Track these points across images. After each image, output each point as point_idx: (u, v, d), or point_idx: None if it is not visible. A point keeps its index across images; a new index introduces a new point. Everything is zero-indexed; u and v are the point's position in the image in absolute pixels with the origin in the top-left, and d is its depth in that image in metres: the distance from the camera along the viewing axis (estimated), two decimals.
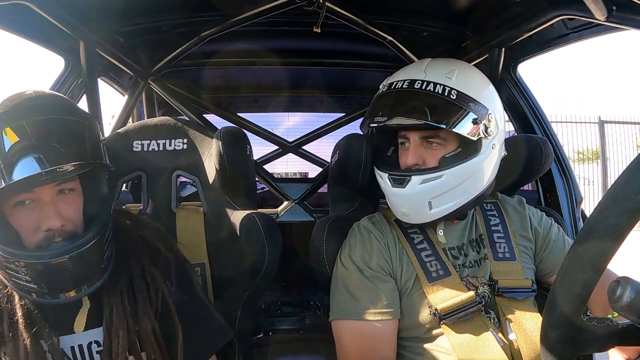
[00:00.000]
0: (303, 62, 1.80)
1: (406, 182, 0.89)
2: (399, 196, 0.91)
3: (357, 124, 2.01)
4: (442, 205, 0.90)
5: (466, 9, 1.35)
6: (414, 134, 0.92)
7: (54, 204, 0.75)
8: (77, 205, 0.79)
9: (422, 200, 0.90)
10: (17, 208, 0.74)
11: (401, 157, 0.95)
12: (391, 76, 0.97)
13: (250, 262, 1.05)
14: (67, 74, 1.38)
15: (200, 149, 1.20)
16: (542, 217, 1.05)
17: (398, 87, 0.91)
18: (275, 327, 1.75)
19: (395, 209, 0.95)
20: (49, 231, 0.73)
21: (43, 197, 0.74)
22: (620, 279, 0.42)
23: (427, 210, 0.90)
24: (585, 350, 0.48)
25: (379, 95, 0.95)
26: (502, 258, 0.95)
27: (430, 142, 0.91)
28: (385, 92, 0.94)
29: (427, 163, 0.91)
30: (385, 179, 0.93)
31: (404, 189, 0.89)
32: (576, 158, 9.12)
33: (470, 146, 0.90)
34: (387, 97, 0.92)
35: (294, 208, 1.74)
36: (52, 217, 0.73)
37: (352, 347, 0.91)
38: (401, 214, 0.94)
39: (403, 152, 0.95)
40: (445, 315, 0.86)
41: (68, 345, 0.79)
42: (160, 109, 2.07)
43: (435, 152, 0.91)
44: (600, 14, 0.88)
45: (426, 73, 0.91)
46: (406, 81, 0.91)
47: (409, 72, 0.94)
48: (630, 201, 0.40)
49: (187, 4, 1.35)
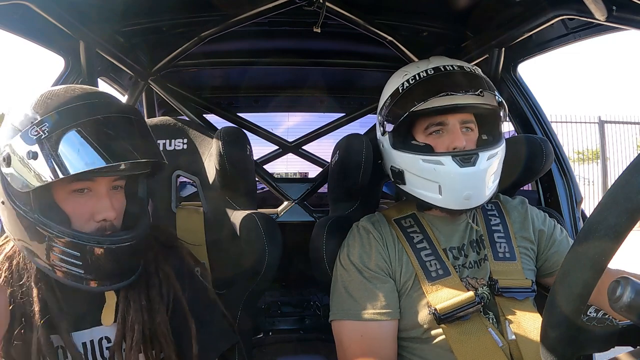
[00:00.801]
0: (303, 62, 1.80)
1: (475, 159, 0.88)
2: (467, 176, 0.88)
3: (357, 124, 2.02)
4: (493, 184, 0.94)
5: (466, 9, 1.35)
6: (455, 118, 0.92)
7: (109, 197, 0.78)
8: (123, 202, 0.83)
9: (487, 178, 0.91)
10: (74, 195, 0.76)
11: (438, 143, 0.93)
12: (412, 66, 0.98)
13: (250, 262, 1.05)
14: (67, 74, 1.38)
15: (200, 149, 1.20)
16: (546, 218, 1.05)
17: (450, 69, 0.92)
18: (275, 327, 1.75)
19: (456, 195, 0.90)
20: (103, 222, 0.77)
21: (100, 188, 0.77)
22: (620, 279, 0.42)
23: (486, 190, 0.92)
24: (585, 350, 0.48)
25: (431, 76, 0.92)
26: (503, 258, 0.95)
27: (467, 127, 0.94)
28: (441, 73, 0.92)
29: (467, 146, 0.92)
30: (448, 162, 0.88)
31: (474, 167, 0.88)
32: (576, 158, 9.12)
33: (493, 130, 0.97)
34: (450, 75, 0.92)
35: (294, 208, 1.75)
36: (109, 208, 0.77)
37: (352, 348, 0.91)
38: (463, 198, 0.90)
39: (438, 138, 0.93)
40: (444, 315, 0.86)
41: (80, 341, 0.81)
42: (160, 109, 2.07)
43: (471, 136, 0.95)
44: (600, 14, 0.88)
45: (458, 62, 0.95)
46: (454, 65, 0.94)
47: (438, 61, 0.96)
48: (630, 201, 0.40)
49: (187, 4, 1.35)
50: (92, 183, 0.77)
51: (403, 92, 0.95)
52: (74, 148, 0.71)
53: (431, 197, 0.93)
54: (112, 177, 0.79)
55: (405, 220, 1.00)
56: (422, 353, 0.90)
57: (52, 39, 1.25)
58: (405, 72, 0.98)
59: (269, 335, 1.74)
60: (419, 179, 0.93)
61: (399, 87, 0.96)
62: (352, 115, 1.98)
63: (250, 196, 1.20)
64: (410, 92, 0.93)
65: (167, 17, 1.39)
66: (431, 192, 0.92)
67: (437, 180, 0.90)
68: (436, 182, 0.91)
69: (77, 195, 0.76)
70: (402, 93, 0.95)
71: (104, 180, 0.78)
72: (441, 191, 0.91)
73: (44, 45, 1.26)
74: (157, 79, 1.64)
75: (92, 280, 0.76)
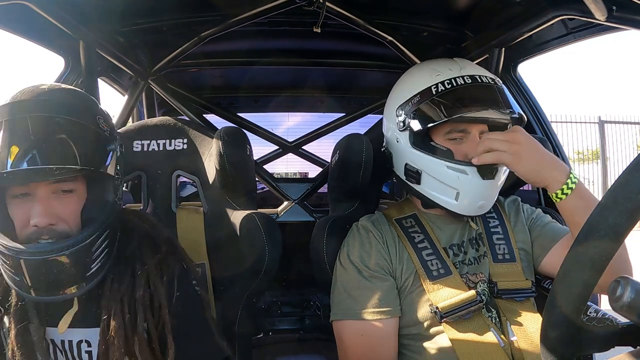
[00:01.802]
0: (303, 62, 1.80)
1: (495, 172, 0.92)
2: (485, 188, 0.91)
3: (357, 124, 2.02)
4: (498, 192, 0.98)
5: (466, 9, 1.35)
6: (477, 128, 0.93)
7: (47, 202, 0.74)
8: (74, 207, 0.77)
9: (499, 188, 0.96)
10: (15, 200, 0.75)
11: (457, 150, 0.93)
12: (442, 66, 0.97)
13: (250, 262, 1.05)
14: (67, 74, 1.38)
15: (200, 149, 1.20)
16: (535, 210, 1.07)
17: (486, 82, 0.93)
18: (275, 327, 1.75)
19: (472, 203, 0.92)
20: (35, 228, 0.73)
21: (37, 193, 0.74)
22: (620, 279, 0.42)
23: (495, 198, 0.97)
24: (585, 350, 0.48)
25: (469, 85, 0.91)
26: (502, 259, 0.96)
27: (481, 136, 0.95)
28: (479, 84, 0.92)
29: None
30: (473, 172, 0.90)
31: (494, 180, 0.92)
32: (576, 158, 9.11)
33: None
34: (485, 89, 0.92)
35: (294, 208, 1.75)
36: (40, 214, 0.73)
37: (353, 347, 0.91)
38: (477, 207, 0.92)
39: (458, 145, 0.93)
40: (446, 314, 0.86)
41: (59, 339, 0.80)
42: (160, 109, 2.07)
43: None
44: (600, 14, 0.88)
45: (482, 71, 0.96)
46: (489, 77, 0.94)
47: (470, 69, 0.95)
48: (630, 201, 0.40)
49: (187, 4, 1.35)
50: (25, 187, 0.73)
51: (438, 95, 0.92)
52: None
53: (445, 201, 0.94)
54: (49, 181, 0.74)
55: (406, 221, 1.01)
56: (423, 351, 0.90)
57: (52, 39, 1.26)
58: (436, 71, 0.95)
59: (269, 335, 1.74)
60: (438, 183, 0.93)
61: (432, 88, 0.93)
62: (352, 115, 1.98)
63: (250, 196, 1.20)
64: (446, 97, 0.91)
65: (167, 17, 1.39)
66: (447, 196, 0.93)
67: (457, 187, 0.92)
68: (455, 189, 0.92)
69: (16, 199, 0.74)
70: (435, 95, 0.92)
71: (40, 185, 0.73)
72: (458, 197, 0.92)
73: (44, 45, 1.26)
74: (157, 79, 1.64)
75: (32, 289, 0.73)
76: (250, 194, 1.21)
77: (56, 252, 0.72)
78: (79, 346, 0.81)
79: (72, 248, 0.73)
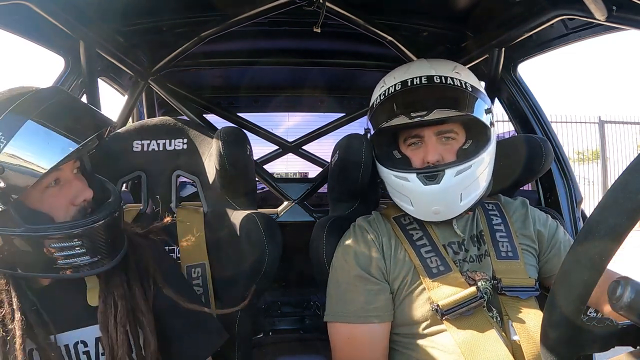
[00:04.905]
0: (303, 62, 1.80)
1: (440, 177, 0.89)
2: (432, 194, 0.89)
3: (357, 124, 2.01)
4: (469, 196, 0.93)
5: (466, 9, 1.35)
6: (430, 131, 0.93)
7: (77, 179, 0.78)
8: (86, 182, 0.81)
9: (456, 193, 0.91)
10: (48, 191, 0.75)
11: (414, 156, 0.95)
12: (390, 75, 0.98)
13: (250, 262, 1.05)
14: (67, 74, 1.38)
15: (200, 149, 1.20)
16: (548, 219, 1.05)
17: (417, 83, 0.92)
18: (275, 327, 1.75)
19: (425, 209, 0.92)
20: (84, 202, 0.77)
21: (68, 175, 0.77)
22: (620, 279, 0.42)
23: (459, 203, 0.92)
24: (585, 350, 0.48)
25: (397, 92, 0.93)
26: (505, 257, 0.95)
27: (447, 137, 0.94)
28: (406, 89, 0.92)
29: (446, 158, 0.92)
30: (413, 179, 0.90)
31: (439, 185, 0.89)
32: (576, 158, 9.11)
33: (480, 137, 0.95)
34: (412, 93, 0.92)
35: (294, 208, 1.75)
36: (85, 189, 0.77)
37: (342, 350, 0.92)
38: (432, 212, 0.92)
39: (415, 150, 0.95)
40: (447, 311, 0.86)
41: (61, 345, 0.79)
42: (160, 109, 2.08)
43: (452, 146, 0.94)
44: (600, 14, 0.88)
45: (435, 70, 0.93)
46: (423, 77, 0.92)
47: (415, 70, 0.95)
48: (630, 201, 0.40)
49: (187, 4, 1.35)
50: (59, 172, 0.76)
51: (375, 108, 0.98)
52: (38, 142, 0.69)
53: (406, 207, 0.96)
54: (73, 160, 0.78)
55: (404, 218, 1.00)
56: (424, 350, 0.89)
57: (52, 39, 1.25)
58: (383, 82, 0.99)
59: (269, 335, 1.74)
60: (394, 191, 0.97)
61: (374, 102, 0.99)
62: (352, 115, 1.98)
63: (250, 196, 1.20)
64: (380, 108, 0.96)
65: (167, 17, 1.39)
66: (405, 203, 0.96)
67: (406, 194, 0.94)
68: (407, 196, 0.94)
69: (50, 189, 0.75)
70: (375, 108, 0.98)
71: (68, 166, 0.77)
72: (412, 204, 0.94)
73: (44, 45, 1.26)
74: (157, 79, 1.64)
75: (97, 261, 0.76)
76: (250, 194, 1.21)
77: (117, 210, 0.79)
78: (76, 348, 0.81)
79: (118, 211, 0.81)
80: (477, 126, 0.95)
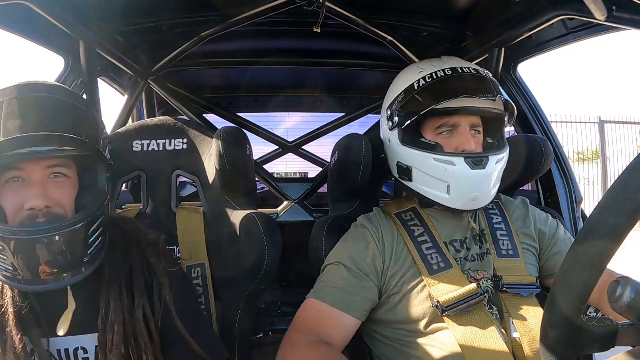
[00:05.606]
0: (303, 62, 1.80)
1: (485, 162, 0.90)
2: (477, 178, 0.90)
3: (357, 124, 2.02)
4: (496, 187, 0.96)
5: (466, 9, 1.35)
6: (467, 121, 0.94)
7: (43, 185, 0.74)
8: (69, 191, 0.78)
9: (494, 180, 0.93)
10: (8, 185, 0.74)
11: (448, 144, 0.94)
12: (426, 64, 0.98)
13: (250, 262, 1.05)
14: (67, 74, 1.38)
15: (200, 149, 1.20)
16: (548, 218, 1.05)
17: (467, 71, 0.93)
18: (275, 327, 1.75)
19: (464, 195, 0.91)
20: (31, 210, 0.72)
21: (33, 176, 0.74)
22: (620, 279, 0.42)
23: (491, 192, 0.94)
24: (585, 350, 0.48)
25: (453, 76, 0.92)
26: (506, 255, 0.95)
27: (476, 130, 0.95)
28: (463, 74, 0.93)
29: (475, 149, 0.93)
30: (461, 163, 0.89)
31: (484, 170, 0.90)
32: (576, 158, 9.12)
33: (496, 134, 0.99)
34: (474, 78, 0.93)
35: (294, 208, 1.75)
36: (37, 196, 0.72)
37: (303, 318, 0.91)
38: (470, 199, 0.91)
39: (449, 139, 0.94)
40: (447, 308, 0.86)
41: (55, 348, 0.79)
42: (160, 109, 2.07)
43: (479, 139, 0.96)
44: (600, 14, 0.88)
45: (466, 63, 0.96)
46: (471, 68, 0.94)
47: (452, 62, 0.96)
48: (630, 201, 0.40)
49: (187, 4, 1.35)
50: (19, 171, 0.73)
51: (419, 89, 0.94)
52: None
53: (438, 196, 0.94)
54: (46, 164, 0.74)
55: (405, 214, 1.00)
56: (424, 347, 0.89)
57: (52, 39, 1.25)
58: (420, 69, 0.97)
59: (269, 335, 1.74)
60: (428, 177, 0.94)
61: (415, 84, 0.95)
62: (352, 115, 1.98)
63: (250, 196, 1.20)
64: (427, 90, 0.93)
65: (167, 17, 1.39)
66: (439, 191, 0.93)
67: (446, 179, 0.91)
68: (445, 182, 0.91)
69: (10, 185, 0.73)
70: (417, 90, 0.94)
71: (35, 168, 0.73)
72: (449, 191, 0.92)
73: (44, 45, 1.26)
74: (157, 79, 1.64)
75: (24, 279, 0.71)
76: (250, 194, 1.21)
77: (54, 231, 0.70)
78: (76, 354, 0.80)
79: (69, 228, 0.72)
80: (495, 123, 0.98)
